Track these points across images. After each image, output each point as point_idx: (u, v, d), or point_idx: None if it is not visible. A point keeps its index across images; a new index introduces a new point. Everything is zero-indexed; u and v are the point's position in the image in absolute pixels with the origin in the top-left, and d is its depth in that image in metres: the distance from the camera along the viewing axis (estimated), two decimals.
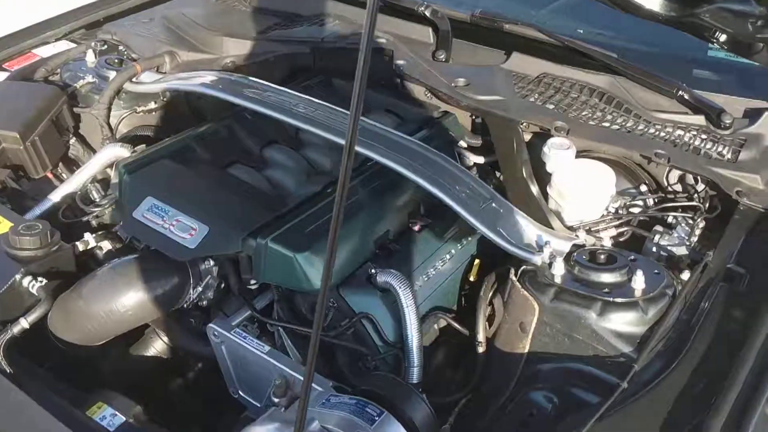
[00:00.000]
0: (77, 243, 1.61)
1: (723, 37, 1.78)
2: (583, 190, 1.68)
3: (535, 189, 1.72)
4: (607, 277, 1.44)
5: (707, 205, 1.66)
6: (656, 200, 1.76)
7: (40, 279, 1.47)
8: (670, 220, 1.69)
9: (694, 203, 1.66)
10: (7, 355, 1.37)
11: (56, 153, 1.97)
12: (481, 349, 1.53)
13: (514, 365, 1.48)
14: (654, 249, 1.64)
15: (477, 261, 1.72)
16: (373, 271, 1.52)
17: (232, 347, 1.43)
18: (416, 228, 1.70)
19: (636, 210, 1.74)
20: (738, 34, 1.69)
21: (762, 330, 1.31)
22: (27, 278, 1.47)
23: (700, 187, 1.75)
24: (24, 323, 1.42)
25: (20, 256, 1.49)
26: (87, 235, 1.64)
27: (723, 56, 2.00)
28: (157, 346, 1.61)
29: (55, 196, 1.81)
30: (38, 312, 1.44)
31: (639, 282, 1.40)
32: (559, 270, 1.46)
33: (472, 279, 1.73)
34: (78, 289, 1.50)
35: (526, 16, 2.24)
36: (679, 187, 1.80)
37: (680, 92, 1.86)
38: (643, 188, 1.80)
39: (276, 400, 1.35)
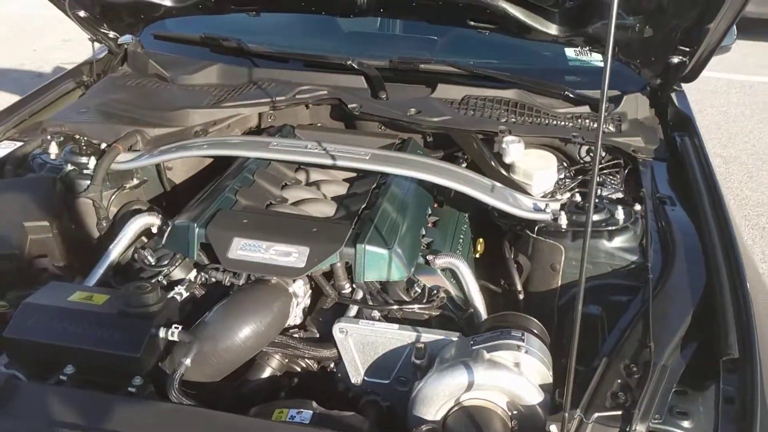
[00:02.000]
0: (175, 295, 1.74)
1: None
2: (542, 169, 2.22)
3: (506, 174, 2.23)
4: (597, 217, 1.98)
5: (623, 162, 2.30)
6: (577, 170, 2.37)
7: (174, 326, 1.60)
8: (598, 179, 2.30)
9: (619, 161, 2.28)
10: (182, 393, 1.50)
11: (69, 239, 2.02)
12: (521, 296, 1.97)
13: (551, 298, 1.96)
14: (597, 200, 2.22)
15: (481, 240, 2.17)
16: (430, 257, 1.88)
17: (360, 336, 1.69)
18: (430, 224, 2.10)
19: (568, 179, 2.33)
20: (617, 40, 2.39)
21: (702, 224, 1.94)
22: (161, 329, 1.59)
23: (603, 154, 2.39)
24: (187, 362, 1.54)
25: (144, 313, 1.60)
26: (178, 288, 1.78)
27: (578, 63, 2.73)
28: (273, 365, 1.77)
29: (99, 270, 1.88)
30: (194, 351, 1.56)
31: (620, 214, 1.97)
32: (563, 220, 1.97)
33: (477, 256, 2.17)
34: (196, 333, 1.64)
35: (423, 55, 2.77)
36: (588, 159, 2.43)
37: (566, 92, 2.52)
38: (565, 163, 2.41)
39: (417, 361, 1.65)
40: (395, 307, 1.76)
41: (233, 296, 1.74)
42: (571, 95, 2.52)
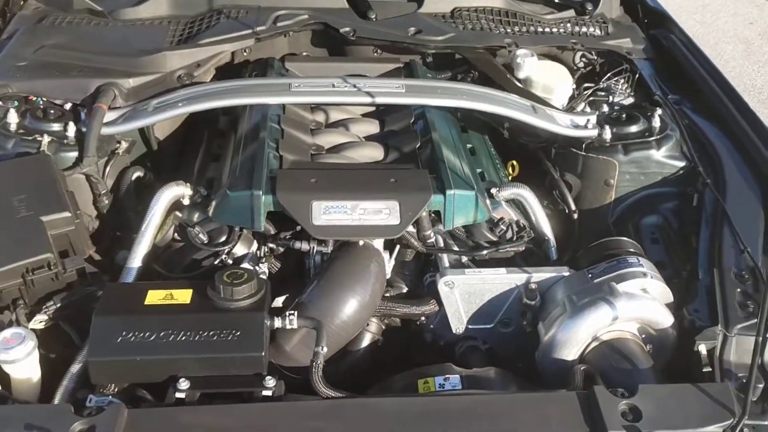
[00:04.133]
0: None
1: None
2: (561, 82, 2.18)
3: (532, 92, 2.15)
4: (636, 127, 1.99)
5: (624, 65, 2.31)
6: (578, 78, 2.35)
7: (289, 314, 1.41)
8: (602, 84, 2.30)
9: (624, 66, 2.28)
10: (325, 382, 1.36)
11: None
12: (576, 216, 1.96)
13: (605, 214, 1.98)
14: (606, 107, 2.21)
15: (514, 162, 2.11)
16: (494, 190, 1.80)
17: (467, 287, 1.60)
18: None
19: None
20: None
21: (728, 120, 2.02)
22: (276, 320, 1.40)
23: (597, 59, 2.38)
24: (323, 350, 1.38)
25: (251, 305, 1.39)
26: (262, 266, 1.57)
27: None
28: (373, 329, 1.64)
29: (137, 258, 1.61)
30: (324, 337, 1.40)
31: (657, 122, 1.99)
32: (608, 134, 1.96)
33: (510, 179, 2.12)
34: (304, 314, 1.48)
35: None
36: (581, 65, 2.41)
37: None
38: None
39: (531, 302, 1.61)
40: (492, 249, 1.68)
41: (328, 268, 1.57)
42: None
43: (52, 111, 1.87)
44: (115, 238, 1.84)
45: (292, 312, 1.43)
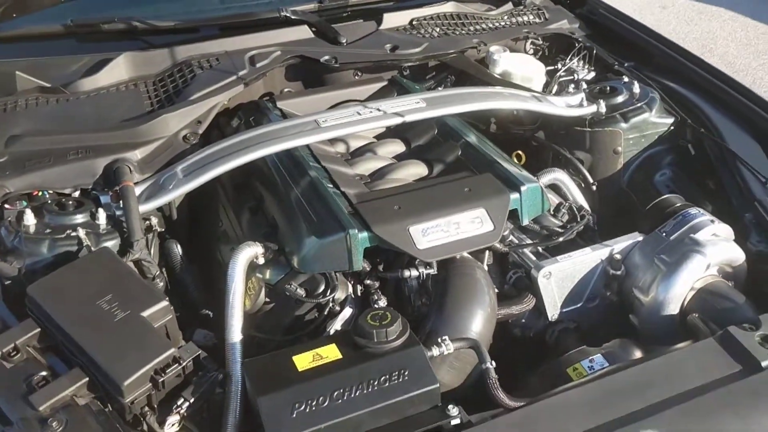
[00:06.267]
0: None
1: None
2: (537, 70, 2.31)
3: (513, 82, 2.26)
4: (622, 97, 2.17)
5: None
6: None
7: (442, 339, 1.40)
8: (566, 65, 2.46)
9: (578, 46, 2.45)
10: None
11: None
12: (594, 187, 2.10)
13: (618, 178, 2.13)
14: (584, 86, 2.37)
15: (519, 152, 2.21)
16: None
17: (561, 273, 1.68)
18: None
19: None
20: None
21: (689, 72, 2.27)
22: (434, 349, 1.39)
23: (543, 44, 2.55)
24: (492, 365, 1.38)
25: (406, 342, 1.37)
26: (381, 302, 1.54)
27: None
28: None
29: (235, 331, 1.51)
30: (485, 351, 1.40)
31: (637, 88, 2.18)
32: (603, 108, 2.12)
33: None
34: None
35: None
36: (531, 51, 2.57)
37: None
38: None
39: (617, 273, 1.72)
40: (567, 234, 1.76)
41: (446, 288, 1.57)
42: None
43: (70, 202, 1.69)
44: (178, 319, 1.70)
45: (444, 338, 1.42)
